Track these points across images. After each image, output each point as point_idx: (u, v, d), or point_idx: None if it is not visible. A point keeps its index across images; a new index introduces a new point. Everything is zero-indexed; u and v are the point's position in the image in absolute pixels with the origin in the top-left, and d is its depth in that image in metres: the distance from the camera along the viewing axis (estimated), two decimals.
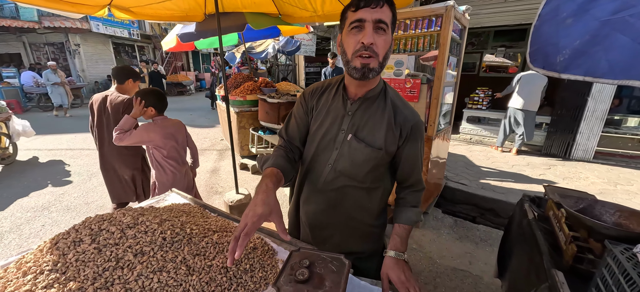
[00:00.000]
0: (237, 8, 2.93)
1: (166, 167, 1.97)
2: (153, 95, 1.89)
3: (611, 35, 0.86)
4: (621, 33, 0.83)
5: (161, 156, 1.95)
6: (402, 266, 0.87)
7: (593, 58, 0.89)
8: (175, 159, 2.00)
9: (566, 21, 0.92)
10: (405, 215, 0.95)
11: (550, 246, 1.10)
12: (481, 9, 5.08)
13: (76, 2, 2.02)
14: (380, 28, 0.78)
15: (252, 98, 4.15)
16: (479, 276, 2.12)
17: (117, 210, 0.89)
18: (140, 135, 1.86)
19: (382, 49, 0.80)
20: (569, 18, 0.92)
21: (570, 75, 0.94)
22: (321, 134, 0.95)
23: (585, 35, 0.89)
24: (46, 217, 2.87)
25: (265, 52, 7.89)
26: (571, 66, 0.93)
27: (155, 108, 1.91)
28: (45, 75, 7.82)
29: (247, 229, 0.70)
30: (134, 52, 15.27)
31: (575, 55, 0.92)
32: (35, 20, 10.74)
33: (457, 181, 3.65)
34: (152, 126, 1.90)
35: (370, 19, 0.77)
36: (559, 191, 1.31)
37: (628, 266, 0.72)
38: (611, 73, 0.87)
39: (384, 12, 0.77)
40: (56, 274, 0.66)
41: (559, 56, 0.94)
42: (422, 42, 2.35)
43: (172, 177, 1.99)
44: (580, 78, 0.92)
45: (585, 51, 0.90)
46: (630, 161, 4.43)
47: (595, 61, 0.89)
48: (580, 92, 4.41)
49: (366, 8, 0.77)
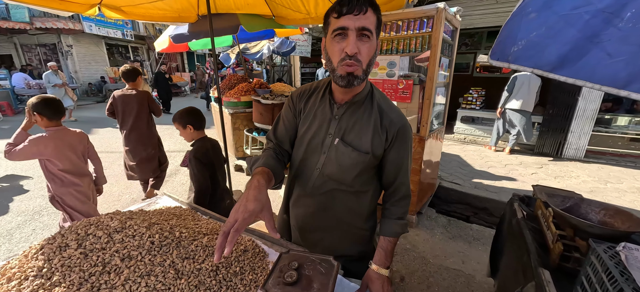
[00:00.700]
0: (230, 9, 2.92)
1: (65, 178, 1.88)
2: (40, 104, 1.77)
3: (564, 29, 0.88)
4: (574, 28, 0.85)
5: (56, 168, 1.85)
6: (383, 281, 0.88)
7: (544, 50, 0.91)
8: (73, 172, 1.91)
9: (530, 15, 0.94)
10: (390, 228, 0.95)
11: (538, 245, 1.12)
12: (473, 10, 5.13)
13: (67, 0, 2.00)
14: (364, 35, 0.76)
15: (247, 99, 4.14)
16: (472, 275, 2.14)
17: (105, 214, 0.89)
18: (29, 150, 1.75)
19: (366, 56, 0.79)
20: (533, 13, 0.94)
21: (519, 65, 0.96)
22: (309, 137, 0.95)
23: (541, 28, 0.91)
24: (37, 222, 2.83)
25: (260, 53, 7.87)
26: (521, 57, 0.95)
27: (44, 115, 1.78)
28: (45, 76, 7.42)
29: (237, 224, 0.66)
30: (127, 53, 15.13)
31: (528, 47, 0.94)
32: (26, 21, 10.58)
33: (450, 180, 3.68)
34: (43, 139, 1.79)
35: (353, 27, 0.74)
36: (547, 190, 1.34)
37: (610, 264, 0.73)
38: (560, 68, 0.88)
39: (368, 19, 0.75)
40: (41, 279, 0.66)
41: (513, 47, 0.96)
42: (415, 43, 2.37)
43: (72, 188, 1.91)
44: (528, 70, 0.95)
45: (538, 43, 0.92)
46: (620, 160, 4.51)
47: (545, 53, 0.91)
48: (571, 92, 4.49)
49: (349, 15, 0.74)
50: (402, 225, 0.95)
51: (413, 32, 2.36)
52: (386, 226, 0.95)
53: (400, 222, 0.95)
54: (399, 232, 0.95)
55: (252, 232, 1.11)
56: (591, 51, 0.84)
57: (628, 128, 4.49)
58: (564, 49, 0.88)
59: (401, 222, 0.95)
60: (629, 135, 4.44)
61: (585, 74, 0.85)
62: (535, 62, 0.93)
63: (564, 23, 0.87)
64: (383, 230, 0.96)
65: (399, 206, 0.97)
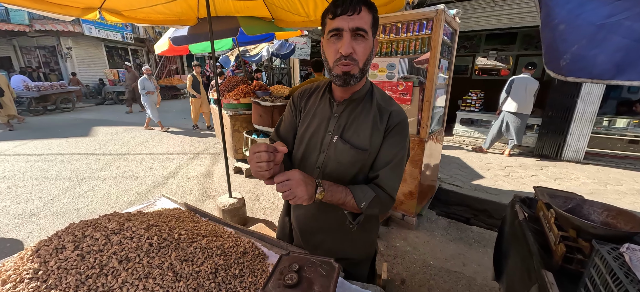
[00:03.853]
0: (229, 12, 2.93)
1: None
2: None
3: (608, 38, 0.88)
4: (617, 35, 0.85)
5: None
6: (307, 182, 0.74)
7: (595, 61, 0.91)
8: None
9: (559, 27, 0.94)
10: (361, 190, 0.84)
11: (540, 247, 1.11)
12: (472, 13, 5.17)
13: (67, 4, 2.00)
14: (359, 35, 0.77)
15: (246, 101, 4.13)
16: (473, 277, 2.12)
17: (102, 216, 0.87)
18: None
19: (362, 55, 0.80)
20: (561, 24, 0.94)
21: (576, 78, 0.96)
22: (309, 135, 0.95)
23: (581, 40, 0.91)
24: (34, 224, 2.80)
25: (259, 55, 7.89)
26: (574, 70, 0.95)
27: None
28: (141, 82, 6.50)
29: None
30: (127, 56, 15.14)
31: (576, 60, 0.94)
32: (25, 23, 10.60)
33: (450, 182, 3.68)
34: None
35: (347, 28, 0.76)
36: (549, 191, 1.33)
37: (614, 266, 0.73)
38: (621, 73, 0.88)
39: (362, 18, 0.76)
40: (37, 282, 0.65)
41: (561, 61, 0.96)
42: (414, 45, 2.38)
43: None
44: (588, 80, 0.95)
45: (584, 56, 0.92)
46: (619, 161, 4.52)
47: (597, 64, 0.91)
48: (570, 94, 4.50)
49: (343, 16, 0.75)
50: (363, 206, 0.83)
51: (413, 34, 2.37)
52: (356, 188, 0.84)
53: (364, 201, 0.83)
54: (360, 199, 0.82)
55: (251, 235, 1.10)
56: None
57: (627, 130, 4.50)
58: (616, 56, 0.88)
59: (363, 204, 0.83)
60: (628, 137, 4.45)
61: None
62: (590, 73, 0.93)
63: (606, 32, 0.87)
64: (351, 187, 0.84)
65: (374, 190, 0.86)
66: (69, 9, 2.03)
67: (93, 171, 4.20)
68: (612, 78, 0.91)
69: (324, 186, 0.79)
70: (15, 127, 6.80)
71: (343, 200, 0.82)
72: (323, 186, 0.78)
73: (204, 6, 2.30)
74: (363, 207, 0.83)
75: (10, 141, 5.72)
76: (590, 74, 0.93)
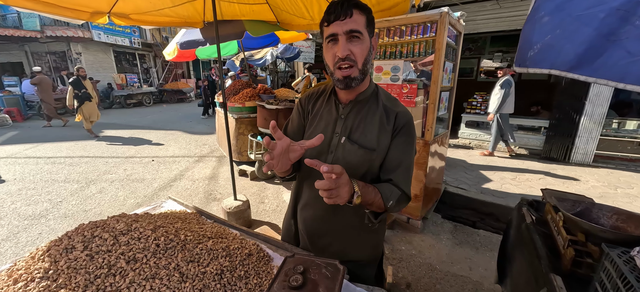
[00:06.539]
0: (235, 16, 2.96)
1: None
2: None
3: (580, 29, 0.88)
4: (589, 27, 0.85)
5: None
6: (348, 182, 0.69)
7: (560, 51, 0.91)
8: None
9: (543, 19, 0.94)
10: (388, 188, 0.84)
11: (548, 250, 1.09)
12: (477, 15, 5.15)
13: (77, 8, 2.06)
14: (354, 37, 0.80)
15: (251, 104, 4.17)
16: (479, 282, 2.09)
17: (111, 217, 0.89)
18: None
19: (360, 56, 0.82)
20: (546, 16, 0.94)
21: (537, 68, 0.96)
22: None
23: (555, 30, 0.92)
24: (43, 225, 2.85)
25: (263, 59, 7.95)
26: (538, 60, 0.95)
27: None
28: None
29: None
30: (134, 61, 15.39)
31: (544, 50, 0.94)
32: (37, 29, 10.86)
33: (456, 185, 3.64)
34: None
35: (341, 32, 0.79)
36: (557, 194, 1.31)
37: (625, 270, 0.71)
38: (578, 67, 0.88)
39: (355, 21, 0.79)
40: (47, 281, 0.66)
41: (530, 52, 0.96)
42: (418, 47, 2.37)
43: None
44: (546, 71, 0.94)
45: (553, 45, 0.92)
46: (630, 164, 4.42)
47: (561, 54, 0.91)
48: (578, 95, 4.44)
49: (336, 22, 0.79)
50: (391, 204, 0.83)
51: (417, 37, 2.36)
52: (383, 186, 0.84)
53: (392, 200, 0.83)
54: (387, 197, 0.82)
55: (256, 237, 1.10)
56: (609, 50, 0.83)
57: (637, 132, 4.40)
58: (580, 49, 0.87)
59: (391, 203, 0.83)
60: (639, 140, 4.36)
61: (605, 72, 0.84)
62: (551, 64, 0.93)
63: (579, 23, 0.87)
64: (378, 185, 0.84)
65: (396, 190, 0.86)
66: (78, 13, 2.09)
67: (101, 174, 4.27)
68: (569, 70, 0.90)
69: (358, 185, 0.74)
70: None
71: (372, 200, 0.79)
72: (358, 186, 0.74)
73: (211, 10, 2.34)
74: (390, 205, 0.83)
75: (21, 144, 5.85)
76: (552, 64, 0.94)
